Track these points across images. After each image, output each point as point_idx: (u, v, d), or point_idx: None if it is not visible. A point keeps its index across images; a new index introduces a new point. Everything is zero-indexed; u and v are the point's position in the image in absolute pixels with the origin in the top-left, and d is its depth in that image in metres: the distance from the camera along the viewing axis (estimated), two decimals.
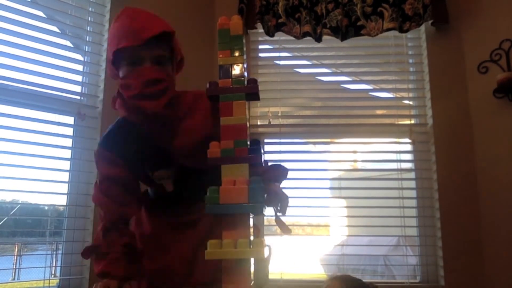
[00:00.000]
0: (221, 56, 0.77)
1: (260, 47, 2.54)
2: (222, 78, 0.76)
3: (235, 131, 0.74)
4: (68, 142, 1.98)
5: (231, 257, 0.69)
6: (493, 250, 2.12)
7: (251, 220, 0.75)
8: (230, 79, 0.75)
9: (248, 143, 0.76)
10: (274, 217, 1.18)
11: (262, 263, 0.82)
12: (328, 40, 2.38)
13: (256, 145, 0.77)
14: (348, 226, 2.54)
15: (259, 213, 0.71)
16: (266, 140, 2.43)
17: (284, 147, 2.45)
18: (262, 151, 1.44)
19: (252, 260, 0.74)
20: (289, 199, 1.15)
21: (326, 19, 2.33)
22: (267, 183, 1.18)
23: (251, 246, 0.70)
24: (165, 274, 1.35)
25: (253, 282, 0.98)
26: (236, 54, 0.76)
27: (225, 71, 0.76)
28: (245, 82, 0.76)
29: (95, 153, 1.35)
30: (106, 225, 1.28)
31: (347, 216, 2.51)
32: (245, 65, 0.79)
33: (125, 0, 2.15)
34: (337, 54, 2.56)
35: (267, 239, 0.88)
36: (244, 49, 0.78)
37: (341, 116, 2.47)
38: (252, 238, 0.73)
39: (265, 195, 1.13)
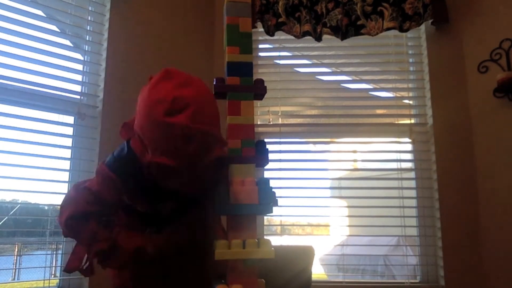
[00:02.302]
0: (229, 52, 0.74)
1: (260, 46, 2.53)
2: (230, 76, 0.74)
3: (243, 130, 0.74)
4: (68, 142, 1.97)
5: (240, 258, 0.68)
6: (493, 250, 2.12)
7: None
8: (239, 77, 0.73)
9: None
10: None
11: (305, 265, 0.79)
12: (328, 39, 2.37)
13: (262, 146, 0.77)
14: (348, 226, 2.53)
15: (268, 213, 0.70)
16: (266, 140, 2.42)
17: (284, 147, 2.44)
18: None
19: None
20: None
21: (326, 18, 2.32)
22: None
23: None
24: None
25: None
26: (246, 52, 0.73)
27: (234, 68, 0.74)
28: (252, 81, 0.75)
29: (101, 170, 1.11)
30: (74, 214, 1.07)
31: (347, 216, 2.51)
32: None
33: (125, 0, 2.15)
34: (337, 53, 2.56)
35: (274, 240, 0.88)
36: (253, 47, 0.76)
37: (341, 115, 2.47)
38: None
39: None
